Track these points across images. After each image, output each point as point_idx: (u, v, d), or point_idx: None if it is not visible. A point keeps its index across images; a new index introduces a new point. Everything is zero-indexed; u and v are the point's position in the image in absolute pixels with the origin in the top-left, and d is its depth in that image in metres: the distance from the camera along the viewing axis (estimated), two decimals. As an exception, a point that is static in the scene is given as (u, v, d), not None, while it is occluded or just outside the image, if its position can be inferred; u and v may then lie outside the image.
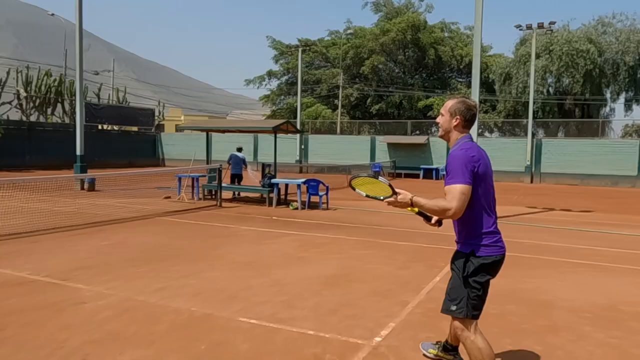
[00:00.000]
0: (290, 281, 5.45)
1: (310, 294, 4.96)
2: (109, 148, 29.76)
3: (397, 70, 39.36)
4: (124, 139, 32.78)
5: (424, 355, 3.44)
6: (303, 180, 12.29)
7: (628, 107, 31.28)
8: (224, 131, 15.12)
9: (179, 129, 17.85)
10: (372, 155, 28.17)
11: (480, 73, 41.80)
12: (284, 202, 12.83)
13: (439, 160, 26.52)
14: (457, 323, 2.84)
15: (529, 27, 25.46)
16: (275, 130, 12.67)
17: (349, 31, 38.45)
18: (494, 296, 4.95)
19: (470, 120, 2.82)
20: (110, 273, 5.59)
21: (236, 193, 13.74)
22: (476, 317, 2.80)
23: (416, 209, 2.81)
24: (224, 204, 12.17)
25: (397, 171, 26.76)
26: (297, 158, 29.47)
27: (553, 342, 3.75)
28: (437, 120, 2.94)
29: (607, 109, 32.49)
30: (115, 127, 33.30)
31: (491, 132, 37.45)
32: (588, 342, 3.78)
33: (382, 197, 2.83)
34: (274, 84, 43.33)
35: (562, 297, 5.00)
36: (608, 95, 31.50)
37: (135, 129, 34.41)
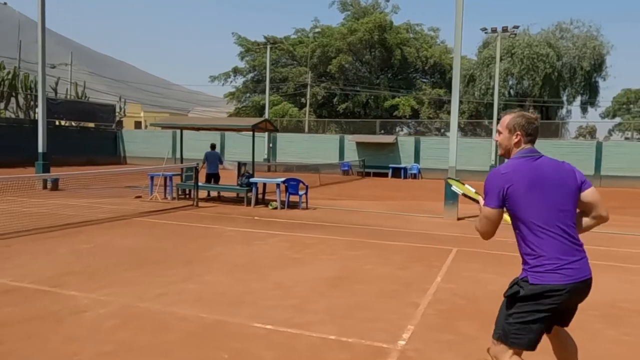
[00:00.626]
0: (292, 284, 5.34)
1: (317, 297, 4.87)
2: (67, 145, 28.46)
3: (363, 70, 39.64)
4: (82, 135, 31.42)
5: None
6: (283, 179, 12.13)
7: (583, 109, 32.85)
8: (198, 129, 14.74)
9: (152, 125, 17.23)
10: (341, 154, 28.24)
11: (444, 73, 42.45)
12: (261, 201, 12.63)
13: (407, 160, 26.88)
14: (492, 349, 2.54)
15: (494, 31, 26.20)
16: (254, 129, 12.45)
17: (316, 30, 38.37)
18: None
19: (532, 135, 2.55)
20: (103, 278, 5.31)
21: (211, 192, 13.41)
22: (515, 345, 2.43)
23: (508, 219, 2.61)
24: (200, 204, 11.86)
25: (366, 170, 26.94)
26: (265, 157, 29.16)
27: None
28: (496, 138, 2.67)
29: (564, 111, 33.97)
30: (74, 123, 31.90)
31: (453, 131, 38.37)
32: (603, 339, 3.89)
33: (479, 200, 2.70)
34: (240, 81, 42.78)
35: (591, 299, 5.07)
36: (565, 98, 32.91)
37: (93, 125, 33.05)
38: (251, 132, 12.75)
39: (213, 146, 13.57)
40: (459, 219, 10.87)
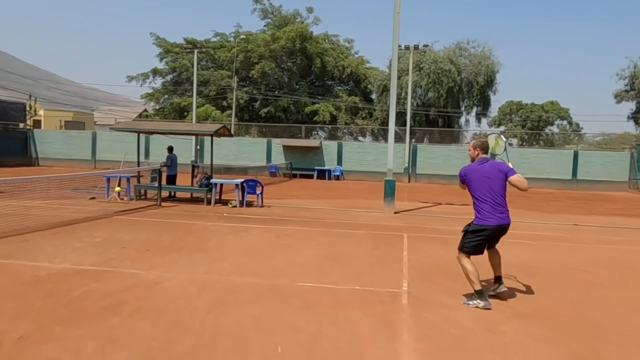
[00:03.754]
0: (302, 261, 6.82)
1: (328, 269, 6.43)
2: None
3: (284, 76, 41.32)
4: (-12, 135, 29.51)
5: (498, 296, 5.20)
6: (242, 180, 13.39)
7: (478, 119, 37.61)
8: (151, 133, 15.38)
9: (112, 129, 17.00)
10: (269, 157, 29.63)
11: (359, 82, 45.11)
12: (218, 201, 13.74)
13: (330, 162, 28.99)
14: (458, 256, 5.13)
15: (407, 48, 29.36)
16: (212, 135, 13.55)
17: (241, 36, 39.31)
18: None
19: (484, 149, 5.15)
20: (144, 262, 6.37)
21: (172, 193, 14.25)
22: (467, 252, 5.01)
23: None
24: (161, 204, 12.72)
25: (293, 172, 28.62)
26: (193, 159, 29.62)
27: (538, 284, 5.79)
28: (469, 152, 5.25)
29: (463, 120, 38.58)
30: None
31: (364, 136, 41.54)
32: (531, 284, 5.92)
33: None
34: (158, 82, 42.31)
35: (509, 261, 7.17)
36: (463, 109, 37.39)
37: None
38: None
39: (171, 149, 14.40)
40: (395, 212, 12.94)
